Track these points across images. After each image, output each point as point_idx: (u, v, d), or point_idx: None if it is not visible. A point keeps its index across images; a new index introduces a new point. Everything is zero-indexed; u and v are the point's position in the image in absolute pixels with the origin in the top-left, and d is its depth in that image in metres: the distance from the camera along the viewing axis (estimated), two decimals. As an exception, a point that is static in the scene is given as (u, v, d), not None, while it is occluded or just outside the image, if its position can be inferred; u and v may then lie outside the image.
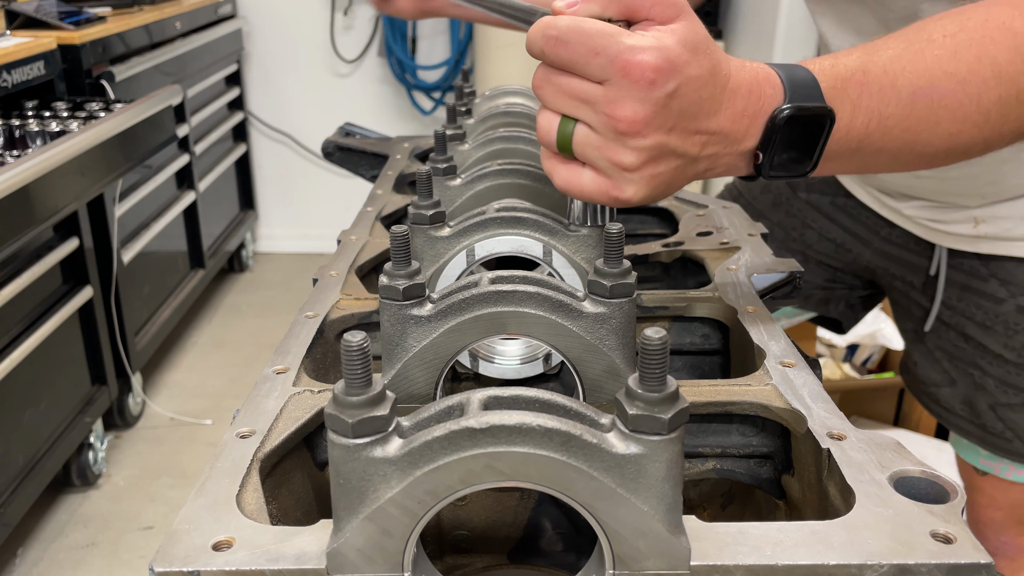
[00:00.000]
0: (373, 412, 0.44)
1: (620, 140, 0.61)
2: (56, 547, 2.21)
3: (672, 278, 0.94)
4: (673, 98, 0.60)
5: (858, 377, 2.54)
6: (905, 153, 0.71)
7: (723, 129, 0.64)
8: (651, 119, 0.60)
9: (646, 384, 0.44)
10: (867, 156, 0.70)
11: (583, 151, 0.64)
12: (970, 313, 1.15)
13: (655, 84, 0.59)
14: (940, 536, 0.47)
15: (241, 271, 3.89)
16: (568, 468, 0.44)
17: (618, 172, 0.63)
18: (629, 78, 0.59)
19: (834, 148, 0.68)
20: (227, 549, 0.47)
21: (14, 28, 2.46)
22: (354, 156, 1.34)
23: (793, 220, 1.35)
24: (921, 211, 1.16)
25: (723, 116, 0.64)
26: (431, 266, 0.74)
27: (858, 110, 0.67)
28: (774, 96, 0.65)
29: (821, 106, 0.65)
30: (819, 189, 1.32)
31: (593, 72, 0.60)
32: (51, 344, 2.16)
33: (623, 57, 0.59)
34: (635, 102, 0.60)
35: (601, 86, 0.60)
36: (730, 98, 0.64)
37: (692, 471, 0.69)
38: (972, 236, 1.11)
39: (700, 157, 0.65)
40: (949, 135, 0.70)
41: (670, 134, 0.62)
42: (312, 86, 3.88)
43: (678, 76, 0.60)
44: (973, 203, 1.08)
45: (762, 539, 0.47)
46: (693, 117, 0.62)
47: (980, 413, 1.18)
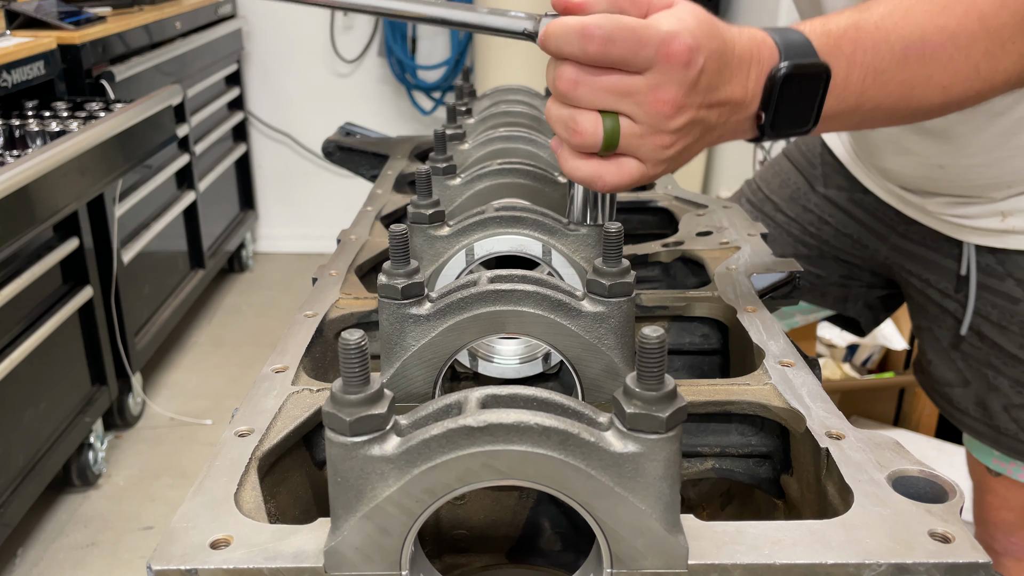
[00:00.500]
0: (371, 410, 0.44)
1: (662, 124, 0.63)
2: (56, 547, 2.21)
3: (672, 278, 0.94)
4: (702, 74, 0.62)
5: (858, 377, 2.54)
6: (901, 108, 0.73)
7: (735, 97, 0.66)
8: (686, 97, 0.62)
9: (644, 383, 0.43)
10: (866, 112, 0.72)
11: (628, 143, 0.64)
12: (986, 312, 1.14)
13: (690, 64, 0.61)
14: (938, 535, 0.47)
15: (241, 271, 3.89)
16: (566, 467, 0.44)
17: (658, 153, 0.65)
18: (671, 63, 0.61)
19: (833, 105, 0.70)
20: (225, 547, 0.47)
21: (14, 28, 2.46)
22: (354, 156, 1.34)
23: (810, 215, 1.34)
24: (946, 207, 1.14)
25: (736, 84, 0.66)
26: (430, 265, 0.74)
27: (853, 65, 0.69)
28: (771, 57, 0.67)
29: (817, 62, 0.67)
30: (836, 184, 1.31)
31: (640, 64, 0.61)
32: (51, 344, 2.16)
33: (665, 45, 0.61)
34: (674, 85, 0.62)
35: (642, 76, 0.62)
36: (738, 65, 0.66)
37: (691, 470, 0.69)
38: (1000, 231, 1.09)
39: (716, 125, 0.67)
40: (942, 88, 0.72)
41: (699, 109, 0.64)
42: (312, 86, 3.88)
43: (703, 52, 0.62)
44: (999, 195, 1.07)
45: (760, 538, 0.47)
46: (715, 89, 0.64)
47: (993, 414, 1.17)
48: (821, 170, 1.33)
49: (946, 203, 1.14)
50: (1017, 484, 1.20)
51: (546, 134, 1.01)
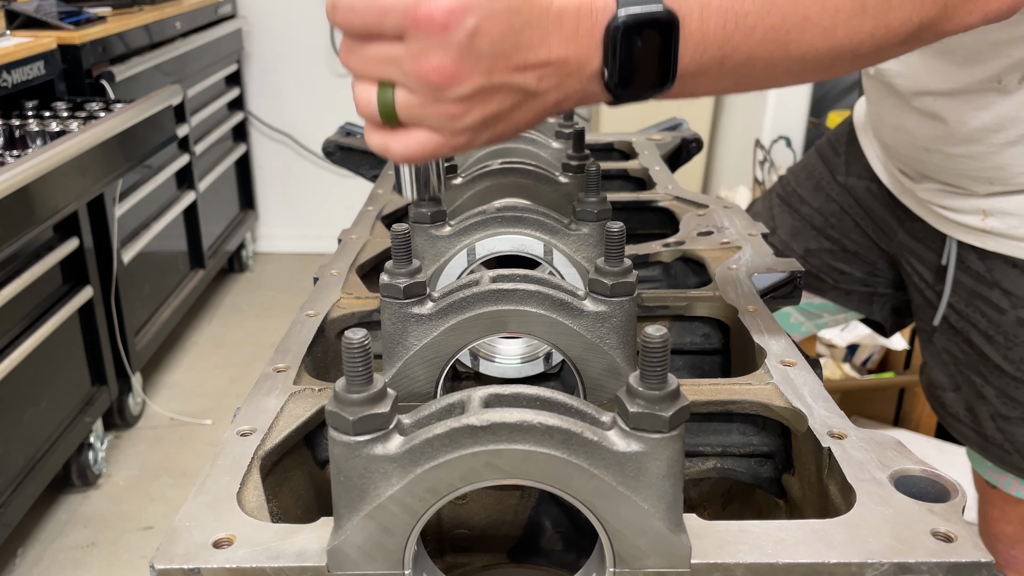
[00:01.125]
0: (374, 409, 0.44)
1: (439, 92, 0.58)
2: (56, 547, 2.20)
3: (673, 277, 0.94)
4: (476, 36, 0.57)
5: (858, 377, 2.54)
6: (781, 58, 0.65)
7: (558, 57, 0.60)
8: (460, 63, 0.57)
9: (647, 382, 0.44)
10: (738, 65, 0.64)
11: (408, 114, 0.60)
12: (975, 320, 1.14)
13: (449, 27, 0.56)
14: (941, 535, 0.47)
15: (241, 271, 3.89)
16: (569, 466, 0.44)
17: (450, 123, 0.60)
18: (423, 28, 0.56)
19: (693, 58, 0.63)
20: (228, 547, 0.47)
21: (14, 28, 2.46)
22: (355, 156, 1.34)
23: (832, 205, 1.33)
24: (934, 195, 1.14)
25: (553, 43, 0.59)
26: (432, 265, 0.74)
27: (708, 10, 0.62)
28: (606, 8, 0.60)
29: (658, 10, 0.60)
30: (856, 172, 1.30)
31: (389, 31, 0.58)
32: (51, 344, 2.15)
33: (412, 8, 0.56)
34: (438, 51, 0.57)
35: (402, 43, 0.58)
36: (556, 23, 0.59)
37: (693, 470, 0.69)
38: (980, 229, 1.10)
39: (542, 90, 0.61)
40: (824, 31, 0.64)
41: (491, 74, 0.58)
42: (312, 86, 3.88)
43: (474, 13, 0.56)
44: (981, 189, 1.07)
45: (763, 537, 0.47)
46: (514, 51, 0.58)
47: (982, 422, 1.17)
48: (844, 158, 1.33)
49: (935, 191, 1.14)
50: (1012, 498, 1.19)
51: (546, 133, 1.01)
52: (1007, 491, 1.19)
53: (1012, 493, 1.19)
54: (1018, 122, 1.00)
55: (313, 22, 3.79)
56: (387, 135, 0.62)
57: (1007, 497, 1.20)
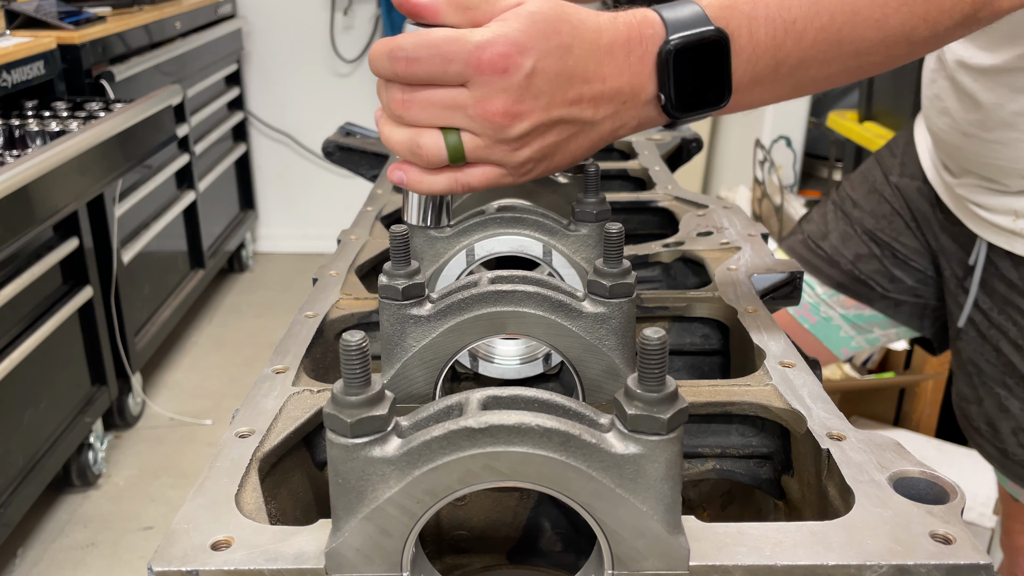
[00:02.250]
0: (372, 412, 0.44)
1: (503, 132, 0.61)
2: (56, 547, 2.21)
3: (672, 278, 0.94)
4: (534, 77, 0.60)
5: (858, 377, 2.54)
6: (835, 56, 0.66)
7: (612, 88, 0.62)
8: (521, 103, 0.60)
9: (645, 384, 0.43)
10: (793, 70, 0.66)
11: (476, 155, 0.63)
12: (1005, 328, 1.13)
13: (508, 71, 0.59)
14: (939, 537, 0.47)
15: (241, 271, 3.89)
16: (567, 468, 0.44)
17: (512, 157, 0.63)
18: (485, 74, 0.59)
19: (747, 71, 0.64)
20: (226, 549, 0.47)
21: (14, 28, 2.46)
22: (355, 156, 1.34)
23: (885, 207, 1.32)
24: (971, 192, 1.13)
25: (607, 75, 0.62)
26: (431, 266, 0.74)
27: (756, 22, 0.63)
28: (655, 36, 0.63)
29: (708, 30, 0.62)
30: (910, 172, 1.29)
31: (453, 79, 0.60)
32: (51, 344, 2.16)
33: (474, 56, 0.59)
34: (500, 93, 0.60)
35: (466, 88, 0.60)
36: (609, 54, 0.62)
37: (691, 471, 0.69)
38: (1010, 231, 1.09)
39: (598, 120, 0.63)
40: (876, 22, 0.64)
41: (549, 109, 0.61)
42: (312, 86, 3.88)
43: (530, 55, 0.59)
44: (1014, 185, 1.06)
45: (761, 539, 0.47)
46: (569, 86, 0.61)
47: (1003, 437, 1.16)
48: (900, 158, 1.32)
49: (972, 186, 1.13)
50: None
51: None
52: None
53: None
54: None
55: (313, 22, 3.79)
56: (455, 173, 0.64)
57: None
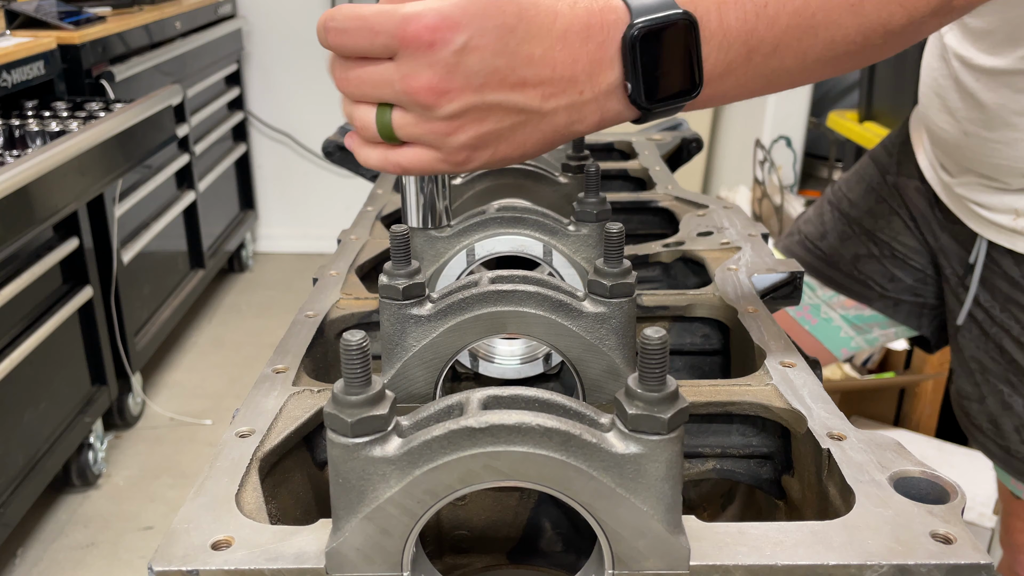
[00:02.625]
0: (372, 411, 0.44)
1: (430, 110, 0.58)
2: (56, 547, 2.20)
3: (672, 278, 0.94)
4: (465, 53, 0.57)
5: (858, 377, 2.54)
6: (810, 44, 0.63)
7: (562, 75, 0.59)
8: (449, 81, 0.57)
9: (646, 384, 0.43)
10: (767, 59, 0.63)
11: (404, 132, 0.60)
12: (1008, 326, 1.12)
13: (435, 45, 0.56)
14: (940, 536, 0.47)
15: (241, 271, 3.89)
16: (567, 468, 0.44)
17: (444, 140, 0.60)
18: (410, 47, 0.57)
19: (720, 58, 0.62)
20: (226, 548, 0.47)
21: (14, 28, 2.46)
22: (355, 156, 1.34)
23: (882, 206, 1.31)
24: (970, 191, 1.13)
25: (558, 59, 0.58)
26: (431, 266, 0.74)
27: (725, 6, 0.61)
28: (618, 21, 0.59)
29: (673, 13, 0.59)
30: (907, 172, 1.28)
31: (380, 52, 0.58)
32: (51, 344, 2.16)
33: (400, 28, 0.56)
34: (425, 68, 0.57)
35: (392, 63, 0.58)
36: (562, 38, 0.58)
37: (692, 471, 0.69)
38: (1011, 230, 1.08)
39: (548, 110, 0.60)
40: (851, 6, 0.62)
41: (482, 90, 0.58)
42: (312, 86, 3.88)
43: (464, 30, 0.56)
44: (1015, 183, 1.05)
45: (762, 539, 0.47)
46: (509, 69, 0.58)
47: (1005, 434, 1.15)
48: (896, 157, 1.31)
49: (971, 184, 1.12)
50: None
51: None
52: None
53: None
54: None
55: (313, 22, 3.79)
56: (386, 151, 0.62)
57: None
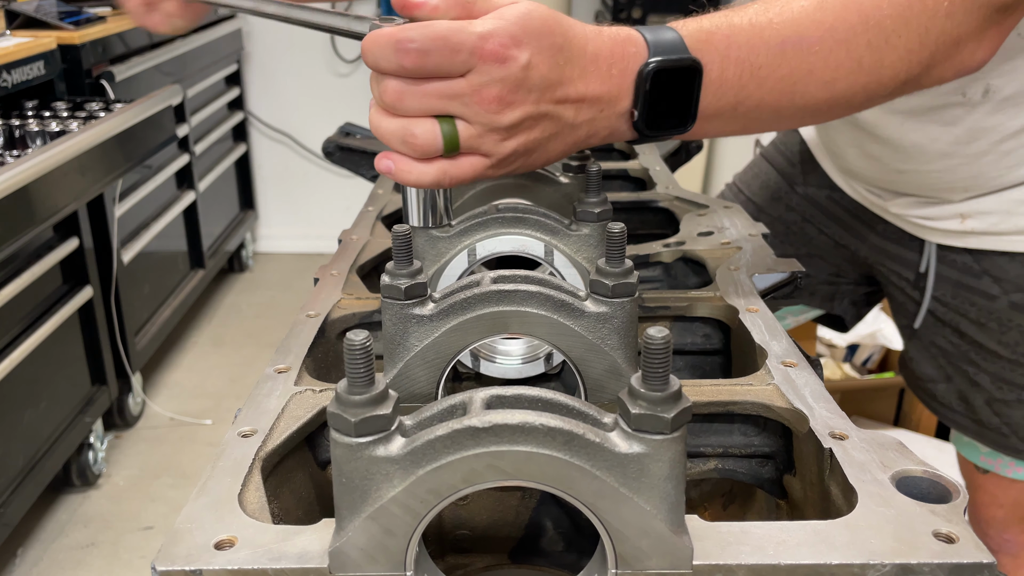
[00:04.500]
0: (376, 411, 0.44)
1: (494, 121, 0.63)
2: (56, 547, 2.20)
3: (673, 278, 0.94)
4: (529, 69, 0.63)
5: (858, 377, 2.54)
6: (786, 105, 0.72)
7: (593, 93, 0.66)
8: (515, 93, 0.63)
9: (649, 383, 0.43)
10: (749, 111, 0.72)
11: (469, 144, 0.64)
12: (964, 310, 1.15)
13: (507, 61, 0.62)
14: (942, 536, 0.47)
15: (241, 271, 3.89)
16: (571, 467, 0.44)
17: (499, 147, 0.65)
18: (487, 62, 0.61)
19: (711, 103, 0.70)
20: (229, 548, 0.47)
21: (14, 28, 2.46)
22: (355, 156, 1.34)
23: (792, 215, 1.35)
24: (908, 208, 1.16)
25: (591, 80, 0.66)
26: (433, 265, 0.74)
27: (727, 61, 0.69)
28: (637, 54, 0.67)
29: (686, 57, 0.67)
30: (816, 182, 1.32)
31: (458, 68, 0.62)
32: (51, 344, 2.15)
33: (478, 46, 0.61)
34: (497, 83, 0.62)
35: (464, 78, 0.62)
36: (594, 62, 0.66)
37: (694, 471, 0.69)
38: (960, 232, 1.11)
39: (577, 123, 0.67)
40: (825, 83, 0.72)
41: (539, 103, 0.64)
42: (312, 86, 3.88)
43: (527, 48, 0.62)
44: (957, 196, 1.09)
45: (764, 538, 0.47)
46: (558, 84, 0.64)
47: (976, 409, 1.18)
48: (800, 168, 1.34)
49: (909, 203, 1.16)
50: (1006, 481, 1.20)
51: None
52: (1003, 474, 1.20)
53: (1008, 475, 1.19)
54: (988, 131, 1.01)
55: (313, 22, 3.79)
56: (445, 164, 0.65)
57: (1000, 481, 1.21)
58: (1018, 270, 1.08)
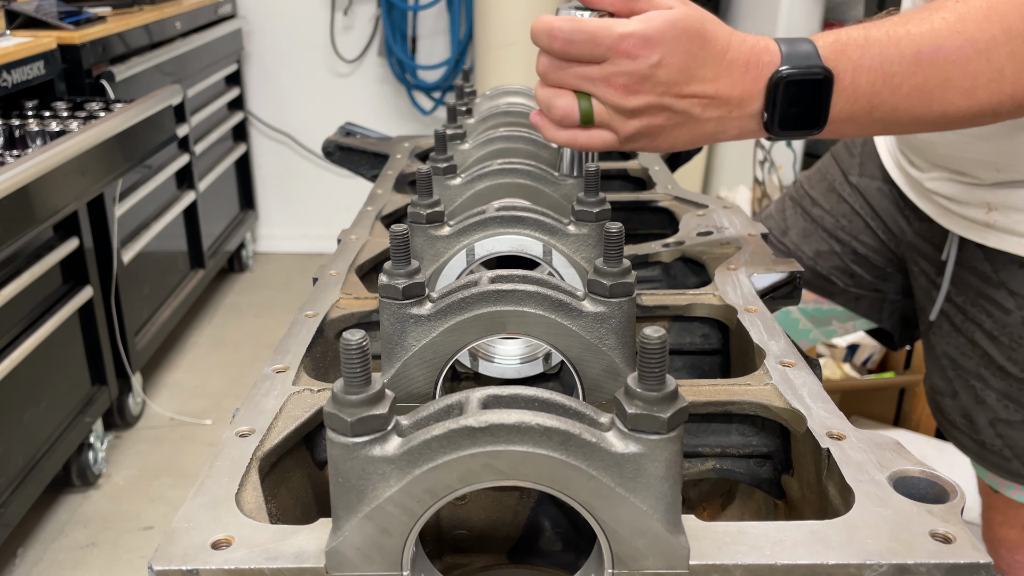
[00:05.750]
0: (372, 411, 0.44)
1: (620, 104, 0.75)
2: (56, 547, 2.20)
3: (672, 278, 0.94)
4: (658, 67, 0.73)
5: (858, 377, 2.54)
6: (923, 111, 0.76)
7: (721, 94, 0.74)
8: (640, 84, 0.73)
9: (645, 383, 0.43)
10: (885, 115, 0.76)
11: (600, 119, 0.77)
12: (979, 320, 1.13)
13: (638, 58, 0.72)
14: (939, 536, 0.47)
15: (241, 271, 3.89)
16: (567, 467, 0.44)
17: (623, 126, 0.76)
18: (619, 55, 0.73)
19: (844, 108, 0.76)
20: (226, 548, 0.47)
21: (14, 28, 2.46)
22: (354, 156, 1.34)
23: (844, 206, 1.34)
24: (940, 185, 1.14)
25: (722, 83, 0.74)
26: (431, 265, 0.74)
27: (860, 70, 0.74)
28: (771, 62, 0.75)
29: (816, 65, 0.74)
30: (869, 172, 1.31)
31: (596, 57, 0.73)
32: (51, 344, 2.15)
33: (616, 43, 0.72)
34: (625, 74, 0.73)
35: (599, 66, 0.74)
36: (728, 68, 0.74)
37: (692, 471, 0.69)
38: (983, 224, 1.09)
39: (704, 118, 0.76)
40: (964, 91, 0.74)
41: (662, 96, 0.74)
42: (312, 86, 3.88)
43: (659, 50, 0.72)
44: (987, 177, 1.06)
45: (761, 538, 0.47)
46: (686, 82, 0.74)
47: (979, 428, 1.17)
48: (859, 159, 1.33)
49: (942, 180, 1.14)
50: (1016, 503, 1.19)
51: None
52: (1009, 495, 1.19)
53: (1014, 498, 1.18)
54: None
55: (313, 22, 3.79)
56: (575, 132, 0.78)
57: (1009, 502, 1.20)
58: None
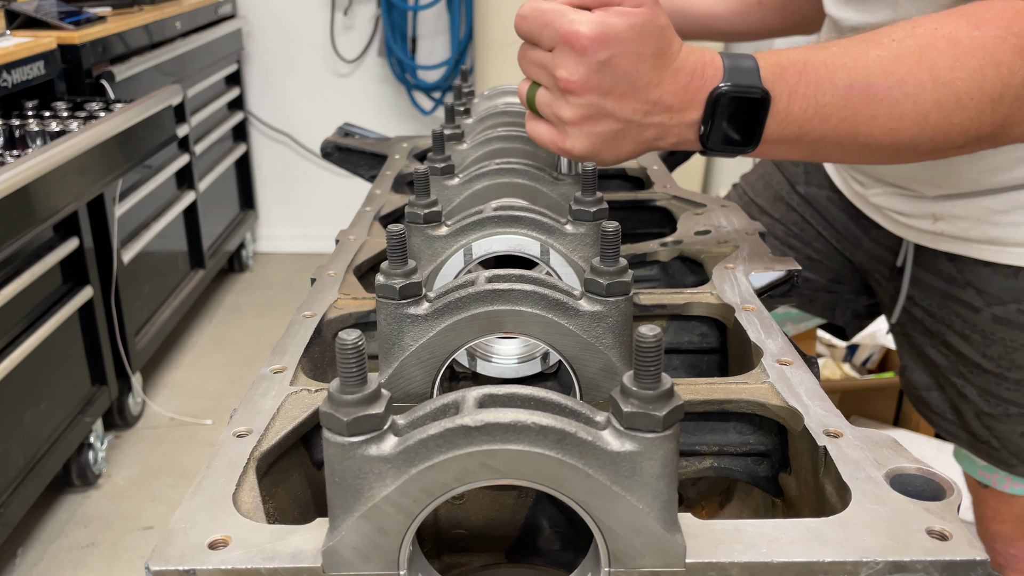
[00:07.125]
0: (368, 410, 0.44)
1: (563, 97, 0.73)
2: (56, 547, 2.21)
3: (670, 277, 0.94)
4: (607, 66, 0.71)
5: (858, 377, 2.54)
6: (849, 143, 0.76)
7: (664, 100, 0.73)
8: (585, 80, 0.71)
9: (641, 381, 0.44)
10: (813, 142, 0.76)
11: (541, 108, 0.76)
12: (950, 321, 1.14)
13: (587, 51, 0.70)
14: (936, 533, 0.47)
15: (241, 271, 3.89)
16: (563, 466, 0.44)
17: (562, 125, 0.75)
18: (567, 44, 0.71)
19: (776, 130, 0.75)
20: (223, 548, 0.47)
21: (14, 28, 2.46)
22: (353, 156, 1.34)
23: (793, 215, 1.34)
24: (886, 200, 1.15)
25: (665, 89, 0.73)
26: (428, 265, 0.74)
27: (795, 96, 0.74)
28: (715, 77, 0.74)
29: (756, 87, 0.73)
30: (816, 182, 1.32)
31: (545, 41, 0.73)
32: (51, 344, 2.16)
33: (564, 28, 0.71)
34: (572, 64, 0.71)
35: (550, 53, 0.73)
36: (673, 75, 0.73)
37: (689, 469, 0.69)
38: (931, 232, 1.10)
39: (645, 124, 0.74)
40: (889, 130, 0.75)
41: (606, 97, 0.72)
42: (312, 86, 3.88)
43: (612, 48, 0.70)
44: (930, 192, 1.08)
45: (758, 536, 0.47)
46: (631, 86, 0.72)
47: (968, 420, 1.17)
48: (803, 167, 1.34)
49: (886, 194, 1.15)
50: (1006, 496, 1.19)
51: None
52: (1000, 488, 1.19)
53: (1005, 490, 1.19)
54: None
55: (313, 22, 3.79)
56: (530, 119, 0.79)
57: (1000, 496, 1.20)
58: (1000, 282, 1.07)
